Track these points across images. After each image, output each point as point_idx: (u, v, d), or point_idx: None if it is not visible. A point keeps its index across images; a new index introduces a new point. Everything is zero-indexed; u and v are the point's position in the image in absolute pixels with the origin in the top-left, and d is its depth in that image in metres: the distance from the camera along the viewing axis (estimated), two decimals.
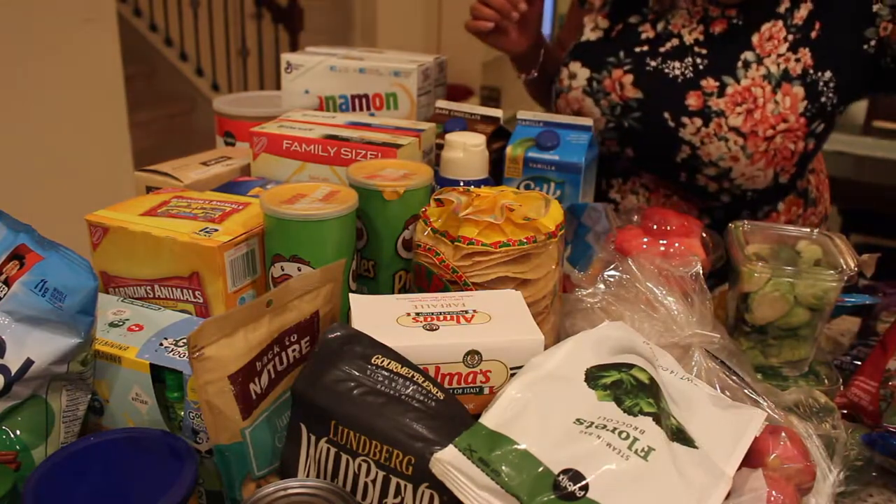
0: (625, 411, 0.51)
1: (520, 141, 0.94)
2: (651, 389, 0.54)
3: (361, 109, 1.05)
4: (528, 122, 0.96)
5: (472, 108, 1.02)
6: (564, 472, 0.47)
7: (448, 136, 0.84)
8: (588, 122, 0.95)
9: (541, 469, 0.47)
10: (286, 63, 1.07)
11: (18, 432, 0.55)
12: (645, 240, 0.85)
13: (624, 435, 0.49)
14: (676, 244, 0.84)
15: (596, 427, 0.50)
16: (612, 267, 0.75)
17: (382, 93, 1.03)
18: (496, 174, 0.92)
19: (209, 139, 0.99)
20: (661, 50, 1.01)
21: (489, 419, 0.50)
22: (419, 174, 0.74)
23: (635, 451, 0.48)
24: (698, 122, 0.97)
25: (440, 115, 1.02)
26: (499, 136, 0.99)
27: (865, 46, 0.95)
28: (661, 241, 0.84)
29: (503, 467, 0.47)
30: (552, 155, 0.91)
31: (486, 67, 5.24)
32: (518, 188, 0.91)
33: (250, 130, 0.84)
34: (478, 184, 0.83)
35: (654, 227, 0.87)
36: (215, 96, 2.15)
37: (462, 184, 0.82)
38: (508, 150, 0.93)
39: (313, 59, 1.05)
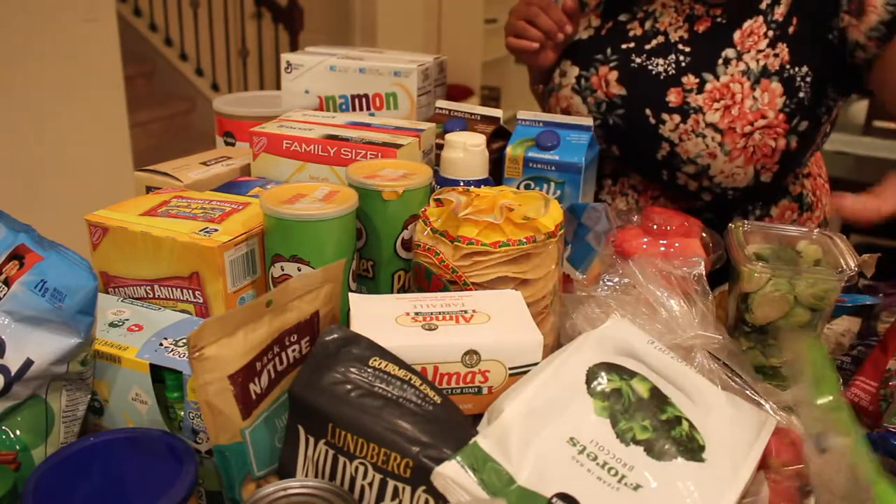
0: (617, 436, 0.52)
1: (520, 141, 0.94)
2: (649, 406, 0.54)
3: (361, 109, 1.05)
4: (528, 122, 0.96)
5: (472, 108, 1.02)
6: (557, 495, 0.48)
7: (448, 136, 0.84)
8: (588, 121, 0.95)
9: (537, 500, 0.48)
10: (286, 63, 1.07)
11: (18, 432, 0.55)
12: (645, 240, 0.85)
13: (613, 472, 0.50)
14: (676, 244, 0.84)
15: (587, 457, 0.51)
16: (613, 268, 0.75)
17: (382, 93, 1.03)
18: (496, 174, 0.92)
19: (209, 139, 0.99)
20: (647, 47, 1.02)
21: (487, 439, 0.51)
22: (418, 174, 0.74)
23: (625, 485, 0.50)
24: (677, 118, 0.97)
25: (440, 115, 1.02)
26: (499, 136, 0.99)
27: (830, 37, 0.94)
28: (661, 242, 0.84)
29: (500, 495, 0.48)
30: (552, 155, 0.91)
31: (486, 67, 5.24)
32: (518, 188, 0.91)
33: (250, 130, 0.84)
34: (478, 184, 0.83)
35: (654, 227, 0.87)
36: (215, 96, 2.16)
37: (462, 184, 0.82)
38: (508, 150, 0.93)
39: (313, 59, 1.05)
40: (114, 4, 2.50)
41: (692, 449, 0.53)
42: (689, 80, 0.97)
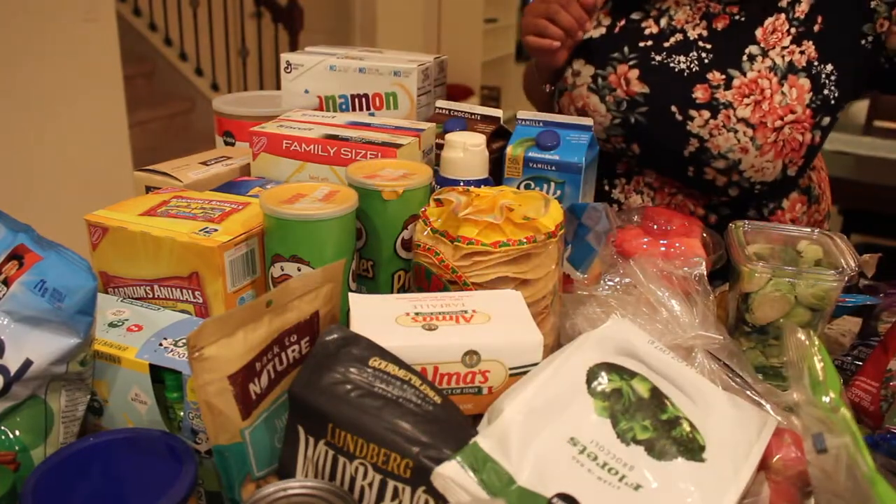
0: (618, 436, 0.52)
1: (520, 141, 0.94)
2: (650, 406, 0.54)
3: (361, 109, 1.05)
4: (528, 122, 0.96)
5: (472, 108, 1.02)
6: (557, 495, 0.48)
7: (448, 136, 0.84)
8: (588, 121, 0.95)
9: (537, 500, 0.48)
10: (286, 63, 1.07)
11: (17, 433, 0.55)
12: (645, 240, 0.85)
13: (613, 472, 0.50)
14: (677, 244, 0.84)
15: (588, 457, 0.51)
16: (613, 268, 0.75)
17: (382, 92, 1.03)
18: (496, 174, 0.92)
19: (209, 139, 0.99)
20: (666, 45, 1.02)
21: (487, 439, 0.51)
22: (418, 174, 0.74)
23: (625, 485, 0.50)
24: (706, 114, 0.97)
25: (440, 114, 1.02)
26: (499, 136, 0.99)
27: (863, 42, 0.97)
28: (661, 242, 0.84)
29: (500, 496, 0.48)
30: (552, 155, 0.91)
31: (486, 67, 5.24)
32: (518, 188, 0.91)
33: (250, 130, 0.84)
34: (478, 184, 0.83)
35: (655, 227, 0.87)
36: (215, 96, 2.16)
37: (462, 184, 0.82)
38: (508, 150, 0.93)
39: (313, 58, 1.05)
40: (114, 4, 2.50)
41: (692, 449, 0.53)
42: (715, 76, 0.98)
